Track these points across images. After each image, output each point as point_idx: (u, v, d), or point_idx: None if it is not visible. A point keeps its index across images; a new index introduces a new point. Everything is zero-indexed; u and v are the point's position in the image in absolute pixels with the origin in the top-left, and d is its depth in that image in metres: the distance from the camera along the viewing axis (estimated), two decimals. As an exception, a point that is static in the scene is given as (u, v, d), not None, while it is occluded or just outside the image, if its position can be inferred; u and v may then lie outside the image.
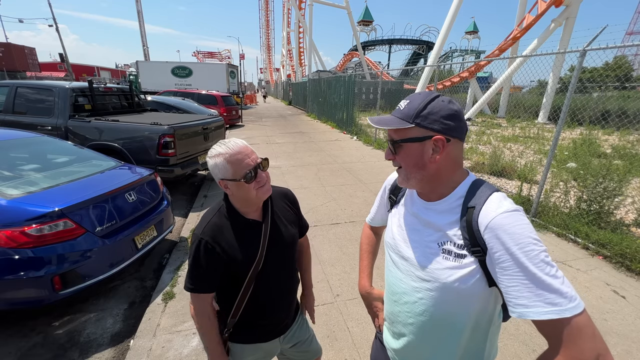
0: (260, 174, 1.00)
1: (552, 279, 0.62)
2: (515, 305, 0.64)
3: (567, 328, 0.60)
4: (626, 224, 3.75)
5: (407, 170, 0.80)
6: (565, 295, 0.61)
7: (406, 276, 0.85)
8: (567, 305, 0.60)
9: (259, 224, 1.08)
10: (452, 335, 0.81)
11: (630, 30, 50.91)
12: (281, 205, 1.19)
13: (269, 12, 67.55)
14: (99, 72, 42.67)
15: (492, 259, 0.68)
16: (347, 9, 29.62)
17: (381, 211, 1.10)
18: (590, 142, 8.08)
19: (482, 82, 20.53)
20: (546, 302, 0.61)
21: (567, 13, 13.53)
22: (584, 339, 0.59)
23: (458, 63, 33.89)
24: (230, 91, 19.64)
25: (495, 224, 0.68)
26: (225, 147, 0.97)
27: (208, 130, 5.24)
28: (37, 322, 2.29)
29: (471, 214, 0.73)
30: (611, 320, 2.34)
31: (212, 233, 1.01)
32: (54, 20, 22.36)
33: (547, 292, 0.61)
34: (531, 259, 0.63)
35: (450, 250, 0.75)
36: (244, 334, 1.15)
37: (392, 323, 0.94)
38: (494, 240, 0.67)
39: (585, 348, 0.59)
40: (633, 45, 3.54)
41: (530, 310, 0.62)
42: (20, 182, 2.37)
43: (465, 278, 0.73)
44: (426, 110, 0.74)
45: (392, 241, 0.92)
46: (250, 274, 1.05)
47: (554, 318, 0.60)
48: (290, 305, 1.23)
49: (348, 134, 10.99)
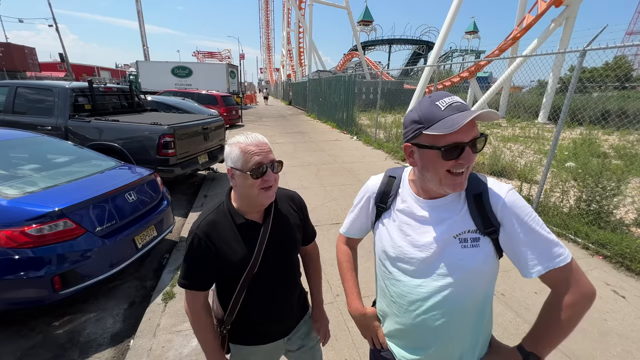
0: (269, 174, 0.96)
1: (551, 235, 0.76)
2: (534, 265, 0.75)
3: (571, 270, 0.75)
4: (626, 223, 3.74)
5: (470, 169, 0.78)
6: (561, 245, 0.76)
7: (425, 279, 0.83)
8: (566, 252, 0.75)
9: (257, 226, 1.04)
10: (481, 317, 0.86)
11: (630, 30, 50.93)
12: (286, 209, 1.14)
13: (269, 12, 67.56)
14: (99, 72, 42.61)
15: (508, 232, 0.77)
16: (347, 9, 29.63)
17: (360, 221, 1.04)
18: (590, 142, 8.08)
19: (482, 82, 20.54)
20: (555, 255, 0.74)
21: (567, 13, 13.52)
22: (583, 276, 0.77)
23: (458, 63, 33.88)
24: (230, 91, 19.62)
25: (507, 202, 0.78)
26: (244, 137, 0.96)
27: (208, 130, 5.23)
28: (37, 322, 2.29)
29: (480, 199, 0.80)
30: (611, 320, 2.34)
31: (207, 229, 0.99)
32: (53, 20, 22.35)
33: (554, 247, 0.75)
34: (540, 226, 0.76)
35: (466, 237, 0.80)
36: (242, 334, 1.12)
37: (409, 335, 0.90)
38: (509, 216, 0.77)
39: (586, 282, 0.76)
40: (633, 45, 3.54)
41: (546, 265, 0.74)
42: (20, 182, 2.37)
43: (485, 259, 0.79)
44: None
45: (396, 250, 0.87)
46: (244, 277, 1.02)
47: (563, 265, 0.74)
48: (290, 310, 1.18)
49: (348, 134, 10.99)
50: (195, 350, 2.01)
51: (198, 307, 1.03)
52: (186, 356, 1.98)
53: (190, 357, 1.97)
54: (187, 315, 1.05)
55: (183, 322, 2.25)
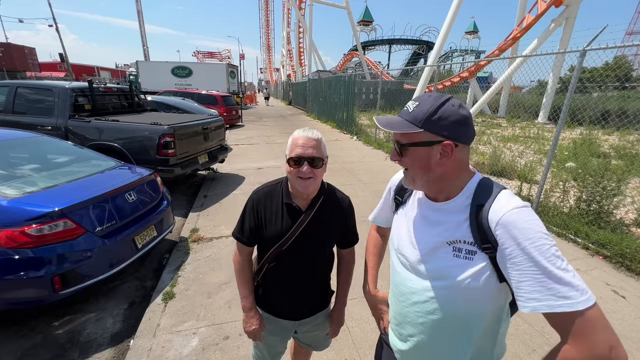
0: (305, 166, 1.05)
1: (563, 273, 0.62)
2: (527, 299, 0.64)
3: (579, 321, 0.60)
4: (626, 223, 3.75)
5: (414, 172, 0.80)
6: (577, 288, 0.61)
7: (415, 276, 0.85)
8: (579, 299, 0.60)
9: (299, 212, 1.14)
10: (464, 334, 0.81)
11: (630, 30, 50.91)
12: (332, 208, 1.20)
13: (269, 12, 67.55)
14: (99, 72, 42.57)
15: (503, 254, 0.69)
16: (347, 9, 29.63)
17: (385, 212, 1.10)
18: (590, 142, 8.08)
19: (482, 82, 20.54)
20: (558, 296, 0.61)
21: (567, 13, 13.53)
22: (597, 332, 0.59)
23: (458, 63, 33.90)
24: (230, 91, 19.62)
25: (506, 220, 0.69)
26: (301, 130, 1.10)
27: (208, 130, 5.23)
28: (37, 322, 2.29)
29: (480, 211, 0.74)
30: (611, 320, 2.32)
31: (262, 196, 1.18)
32: (53, 20, 22.36)
33: (559, 285, 0.61)
34: (542, 253, 0.63)
35: (461, 248, 0.76)
36: (262, 299, 1.27)
37: (400, 325, 0.93)
38: (505, 236, 0.68)
39: (598, 340, 0.59)
40: (633, 45, 3.54)
41: (543, 303, 0.62)
42: (20, 182, 2.37)
43: (476, 275, 0.73)
44: (436, 115, 0.73)
45: (400, 242, 0.91)
46: (272, 250, 1.15)
47: (566, 311, 0.60)
48: (303, 299, 1.26)
49: (348, 134, 11.00)
50: (196, 350, 2.01)
51: (241, 258, 1.22)
52: (186, 356, 1.97)
53: (190, 357, 1.97)
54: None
55: (183, 322, 2.25)
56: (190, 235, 3.53)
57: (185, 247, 3.32)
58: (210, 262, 3.05)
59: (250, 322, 1.23)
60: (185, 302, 2.47)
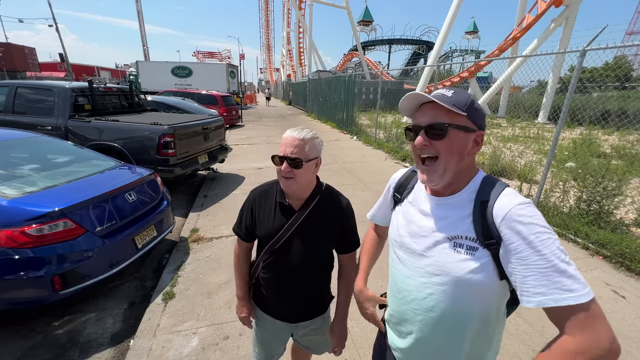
0: (283, 165, 1.06)
1: (567, 266, 0.64)
2: (534, 294, 0.65)
3: (583, 313, 0.61)
4: (626, 223, 3.74)
5: (448, 159, 0.77)
6: (580, 282, 0.63)
7: (414, 273, 0.85)
8: (583, 291, 0.62)
9: (292, 211, 1.14)
10: (461, 330, 0.81)
11: (630, 30, 50.91)
12: (328, 210, 1.17)
13: (269, 12, 67.56)
14: (99, 72, 42.56)
15: (508, 249, 0.69)
16: (347, 9, 29.62)
17: (383, 210, 1.09)
18: (590, 142, 8.08)
19: (482, 82, 20.56)
20: (564, 289, 0.62)
21: (567, 13, 13.54)
22: (598, 324, 0.61)
23: (458, 63, 33.92)
24: (230, 91, 19.62)
25: (511, 216, 0.70)
26: (290, 130, 1.10)
27: (208, 130, 5.23)
28: (37, 322, 2.29)
29: (485, 207, 0.75)
30: (611, 320, 2.31)
31: (258, 195, 1.21)
32: (53, 20, 22.35)
33: (564, 278, 0.63)
34: (547, 247, 0.65)
35: (462, 243, 0.76)
36: (258, 297, 1.29)
37: (399, 322, 0.93)
38: (510, 232, 0.69)
39: (600, 332, 0.60)
40: (633, 45, 3.54)
41: (549, 297, 0.63)
42: (20, 182, 2.37)
43: (476, 270, 0.74)
44: (475, 105, 0.78)
45: (399, 238, 0.91)
46: (266, 248, 1.17)
47: (572, 304, 0.61)
48: (297, 302, 1.24)
49: (348, 134, 11.00)
50: (195, 350, 2.01)
51: (239, 252, 1.28)
52: (186, 356, 1.98)
53: (190, 357, 1.97)
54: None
55: (183, 322, 2.25)
56: (190, 235, 3.53)
57: (185, 247, 3.32)
58: (210, 262, 3.05)
59: (240, 310, 1.32)
60: (185, 302, 2.47)
